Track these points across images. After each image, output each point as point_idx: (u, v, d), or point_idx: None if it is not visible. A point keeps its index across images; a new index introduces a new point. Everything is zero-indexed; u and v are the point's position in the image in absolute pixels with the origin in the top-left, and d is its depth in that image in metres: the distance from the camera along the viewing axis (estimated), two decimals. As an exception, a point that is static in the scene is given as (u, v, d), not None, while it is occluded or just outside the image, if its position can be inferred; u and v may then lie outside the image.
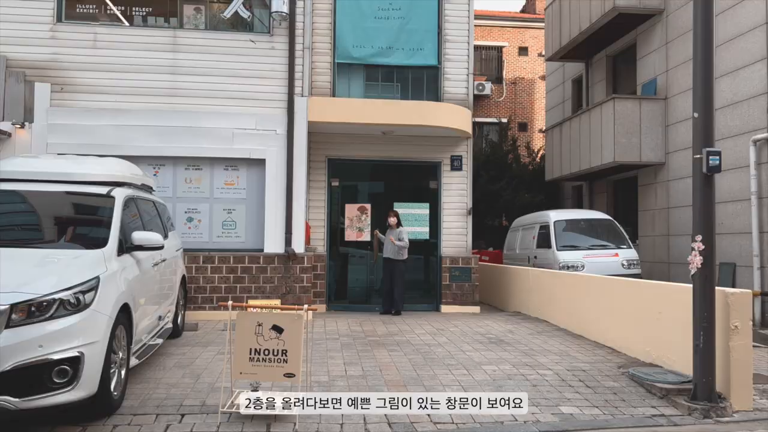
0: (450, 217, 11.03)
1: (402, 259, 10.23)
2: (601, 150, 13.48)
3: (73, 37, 9.27)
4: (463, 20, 10.91)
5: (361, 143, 10.93)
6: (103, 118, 9.18)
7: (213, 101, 9.51)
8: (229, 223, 9.70)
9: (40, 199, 5.48)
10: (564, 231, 12.00)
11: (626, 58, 15.07)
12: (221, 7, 10.03)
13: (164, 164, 9.57)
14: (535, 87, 23.84)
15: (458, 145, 11.11)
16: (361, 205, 11.05)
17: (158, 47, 9.47)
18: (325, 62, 10.60)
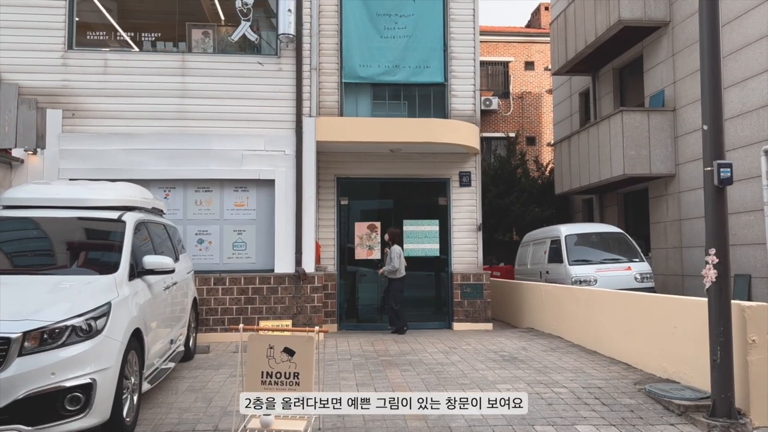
0: (460, 233, 11.00)
1: (396, 277, 10.11)
2: (611, 163, 13.43)
3: (84, 63, 9.40)
4: (469, 37, 10.96)
5: (369, 161, 10.97)
6: (114, 143, 9.28)
7: (222, 123, 9.59)
8: (239, 244, 9.72)
9: (52, 225, 5.53)
10: (575, 245, 11.92)
11: (633, 70, 15.06)
12: (229, 31, 10.15)
13: (174, 187, 9.63)
14: (542, 101, 23.87)
15: (467, 161, 11.11)
16: (371, 223, 11.05)
17: (167, 71, 9.58)
18: (332, 82, 10.68)
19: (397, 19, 10.79)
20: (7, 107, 8.95)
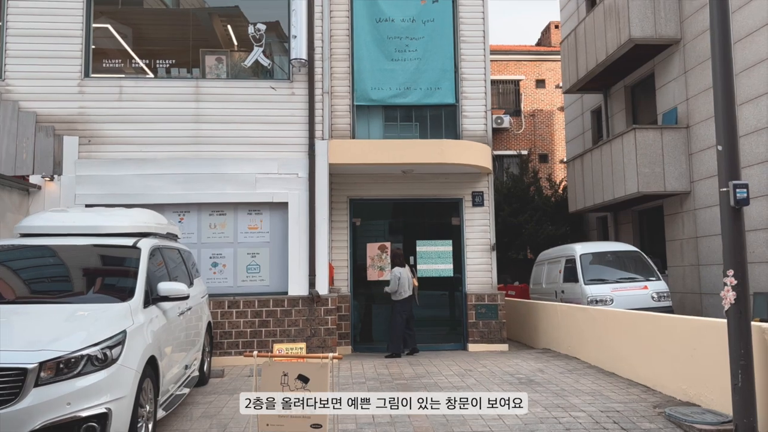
0: (474, 253, 10.95)
1: (396, 299, 9.99)
2: (625, 180, 13.36)
3: (100, 90, 9.57)
4: (479, 59, 11.01)
5: (382, 182, 10.99)
6: (129, 168, 9.39)
7: (235, 147, 9.68)
8: (253, 267, 9.75)
9: (68, 252, 5.59)
10: (590, 264, 11.82)
11: (645, 87, 15.03)
12: (242, 56, 10.29)
13: (189, 211, 9.71)
14: (554, 118, 23.87)
15: (479, 181, 11.10)
16: (381, 244, 11.03)
17: (182, 97, 9.71)
18: (344, 105, 10.76)
19: (407, 41, 10.88)
20: (25, 135, 9.11)
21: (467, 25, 10.98)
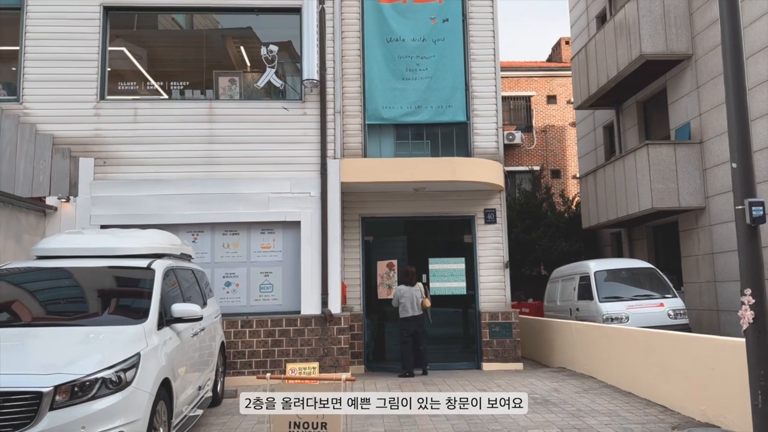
0: (487, 271, 10.89)
1: (400, 318, 9.91)
2: (638, 196, 13.27)
3: (115, 113, 9.70)
4: (490, 77, 11.04)
5: (394, 200, 11.00)
6: (144, 189, 9.48)
7: (248, 167, 9.75)
8: (266, 286, 9.77)
9: (83, 274, 5.64)
10: (605, 281, 11.71)
11: (657, 103, 14.98)
12: (255, 77, 10.41)
13: (202, 231, 9.77)
14: (565, 134, 23.83)
15: (491, 198, 11.08)
16: (389, 262, 10.99)
17: (195, 118, 9.82)
18: (355, 124, 10.81)
19: (418, 60, 10.94)
20: (42, 157, 9.25)
21: (477, 43, 11.03)
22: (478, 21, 11.06)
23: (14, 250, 7.80)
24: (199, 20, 10.92)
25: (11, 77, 9.83)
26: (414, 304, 9.84)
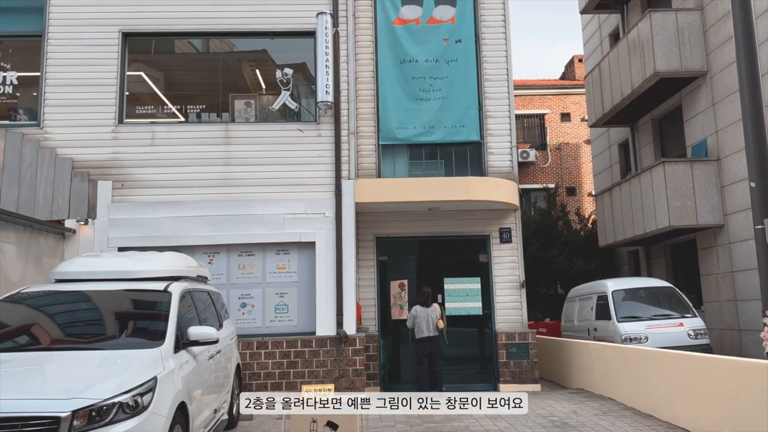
0: (503, 290, 10.81)
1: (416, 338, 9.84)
2: (655, 214, 13.15)
3: (133, 136, 9.85)
4: (503, 96, 11.06)
5: (408, 220, 11.00)
6: (161, 211, 9.58)
7: (264, 189, 9.82)
8: (281, 307, 9.78)
9: (101, 297, 5.69)
10: (623, 301, 11.57)
11: (672, 120, 14.90)
12: (270, 100, 10.53)
13: (218, 252, 9.83)
14: (580, 151, 23.75)
15: (506, 217, 11.03)
16: (401, 282, 10.95)
17: (212, 141, 9.93)
18: (369, 145, 10.86)
19: (431, 81, 11.00)
20: (61, 180, 9.40)
21: (490, 63, 11.07)
22: (491, 41, 11.11)
23: (33, 272, 7.89)
24: (215, 43, 11.10)
25: (32, 102, 10.03)
26: (429, 324, 9.75)
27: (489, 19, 11.15)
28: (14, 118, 10.04)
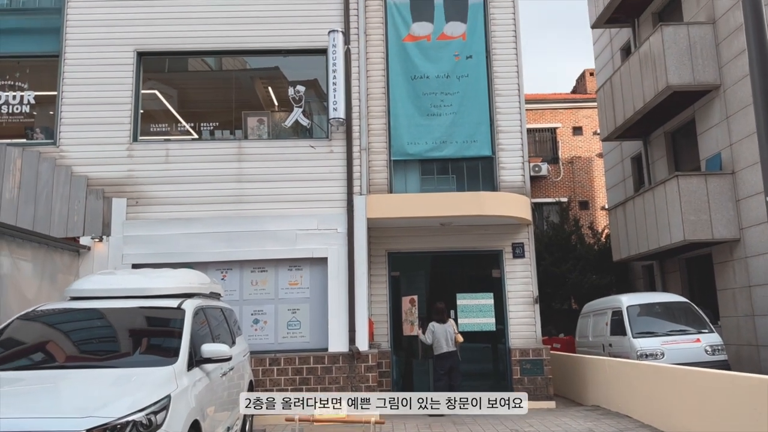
0: (516, 306, 10.74)
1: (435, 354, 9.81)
2: (670, 228, 13.03)
3: (148, 154, 9.95)
4: (515, 111, 11.06)
5: (420, 235, 10.98)
6: (174, 228, 9.64)
7: (276, 205, 9.86)
8: (293, 323, 9.77)
9: (115, 315, 5.72)
10: (638, 316, 11.44)
11: (686, 133, 14.82)
12: (282, 117, 10.61)
13: (231, 268, 9.86)
14: (593, 165, 23.66)
15: (519, 232, 10.99)
16: (411, 297, 10.91)
17: (225, 158, 10.01)
18: (381, 160, 10.89)
19: (443, 97, 11.04)
20: (76, 198, 9.50)
21: (501, 79, 11.09)
22: (502, 57, 11.14)
23: (49, 289, 7.96)
24: (228, 61, 11.22)
25: (49, 121, 10.18)
26: (448, 340, 9.74)
27: (500, 35, 11.19)
28: (31, 137, 10.20)
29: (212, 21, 10.46)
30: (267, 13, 10.50)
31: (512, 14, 11.27)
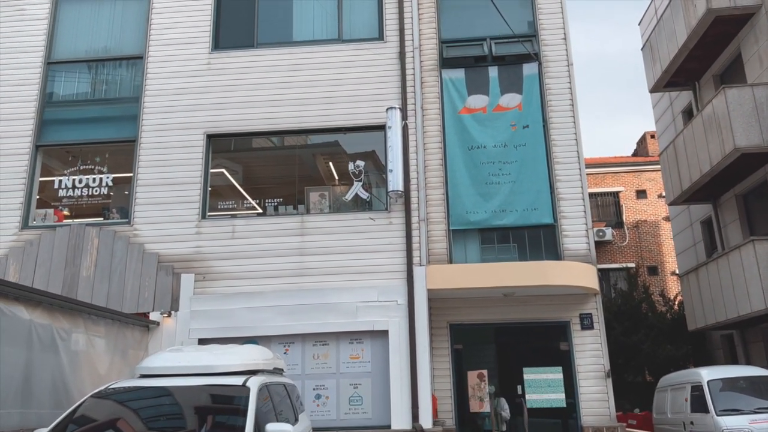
0: (587, 380, 10.25)
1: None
2: (749, 296, 12.29)
3: (215, 230, 10.33)
4: (575, 178, 10.93)
5: (482, 306, 10.77)
6: (239, 302, 9.84)
7: (337, 277, 9.96)
8: (355, 399, 9.62)
9: (182, 393, 5.79)
10: (721, 392, 10.64)
11: (759, 195, 14.19)
12: (342, 191, 10.87)
13: (293, 342, 9.91)
14: (659, 228, 22.87)
15: (586, 302, 10.62)
16: (479, 372, 10.57)
17: (288, 232, 10.27)
18: (440, 230, 10.89)
19: (501, 165, 11.06)
20: (147, 274, 9.89)
21: (560, 147, 11.06)
22: (559, 125, 11.15)
23: (120, 365, 8.19)
24: (290, 137, 11.67)
25: (124, 201, 10.78)
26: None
27: (556, 104, 11.24)
28: (108, 216, 10.80)
29: (276, 103, 11.00)
30: (327, 94, 10.99)
31: (568, 83, 11.34)
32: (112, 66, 11.56)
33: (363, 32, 11.51)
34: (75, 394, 6.96)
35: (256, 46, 11.46)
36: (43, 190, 11.01)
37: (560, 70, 11.39)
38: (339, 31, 11.52)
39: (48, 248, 10.09)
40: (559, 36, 11.57)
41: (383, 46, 11.25)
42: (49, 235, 10.22)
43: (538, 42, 11.52)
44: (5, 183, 10.76)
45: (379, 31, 11.43)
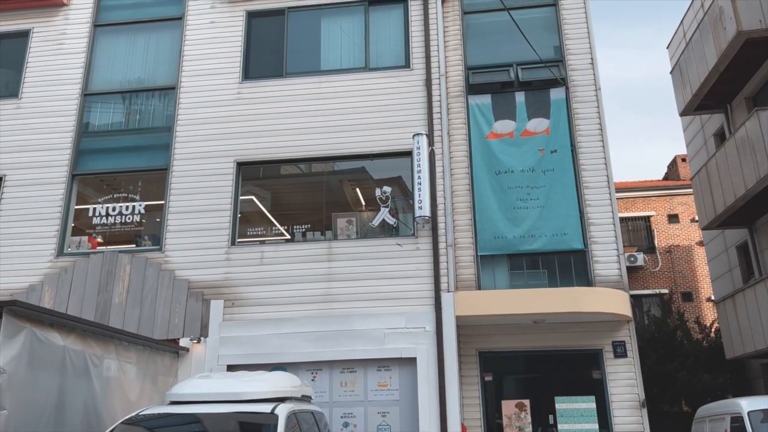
0: (621, 410, 9.96)
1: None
2: (789, 323, 11.89)
3: (244, 256, 10.43)
4: (605, 203, 10.78)
5: (512, 333, 10.60)
6: (266, 328, 9.87)
7: (364, 303, 9.93)
8: (383, 428, 9.51)
9: (211, 420, 5.82)
10: (762, 423, 10.24)
11: (796, 219, 13.81)
12: (369, 216, 10.90)
13: (321, 369, 9.87)
14: (693, 253, 22.37)
15: (619, 329, 10.38)
16: (519, 402, 10.37)
17: (315, 258, 10.31)
18: (468, 256, 10.81)
19: (529, 190, 10.99)
20: (178, 301, 10.01)
21: (589, 171, 10.95)
22: (588, 150, 11.06)
23: (150, 391, 8.25)
24: (317, 164, 11.79)
25: (156, 229, 10.97)
26: None
27: (584, 129, 11.17)
28: (140, 243, 10.99)
29: (304, 131, 11.16)
30: (355, 121, 11.11)
31: (596, 108, 11.27)
32: (145, 96, 11.89)
33: (390, 60, 11.65)
34: (106, 420, 7.02)
35: (285, 76, 11.68)
36: (77, 218, 11.28)
37: (588, 94, 11.35)
38: (366, 60, 11.68)
39: (82, 275, 10.30)
40: (586, 61, 11.55)
41: (410, 74, 11.36)
42: (83, 262, 10.44)
43: (565, 67, 11.51)
44: (42, 211, 11.07)
45: (405, 59, 11.55)
